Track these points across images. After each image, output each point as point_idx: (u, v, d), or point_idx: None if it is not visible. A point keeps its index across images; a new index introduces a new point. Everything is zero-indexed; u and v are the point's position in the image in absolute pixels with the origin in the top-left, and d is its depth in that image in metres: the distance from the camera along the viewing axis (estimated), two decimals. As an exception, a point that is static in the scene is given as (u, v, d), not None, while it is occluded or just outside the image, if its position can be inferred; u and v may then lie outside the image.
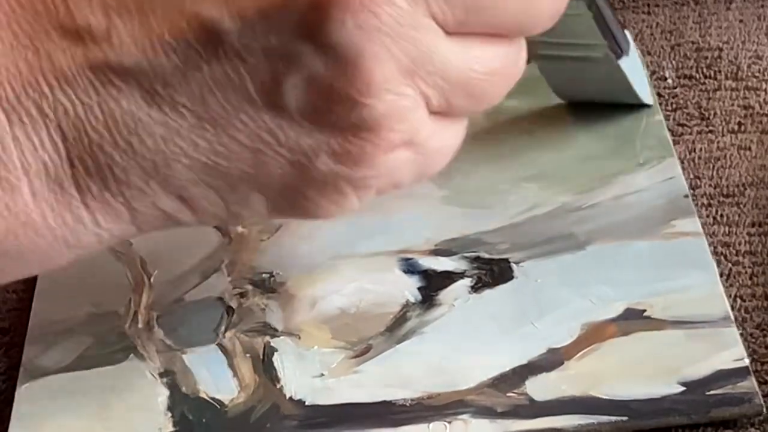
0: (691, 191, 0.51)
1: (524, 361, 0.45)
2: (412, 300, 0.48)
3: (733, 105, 0.55)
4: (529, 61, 0.42)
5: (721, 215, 0.51)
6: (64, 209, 0.38)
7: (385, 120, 0.38)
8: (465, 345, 0.46)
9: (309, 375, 0.46)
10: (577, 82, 0.53)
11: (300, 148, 0.38)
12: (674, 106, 0.56)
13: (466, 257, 0.49)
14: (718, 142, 0.54)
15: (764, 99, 0.55)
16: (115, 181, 0.38)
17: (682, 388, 0.43)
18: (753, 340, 0.46)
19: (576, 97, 0.55)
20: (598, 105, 0.55)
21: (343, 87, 0.37)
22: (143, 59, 0.37)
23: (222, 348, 0.47)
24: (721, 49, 0.58)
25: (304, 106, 0.38)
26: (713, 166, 0.53)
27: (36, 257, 0.40)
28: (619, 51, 0.51)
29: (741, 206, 0.51)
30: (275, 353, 0.47)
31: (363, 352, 0.47)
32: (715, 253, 0.49)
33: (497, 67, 0.40)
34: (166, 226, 0.41)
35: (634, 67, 0.53)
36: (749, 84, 0.56)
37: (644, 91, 0.54)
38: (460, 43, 0.39)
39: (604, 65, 0.52)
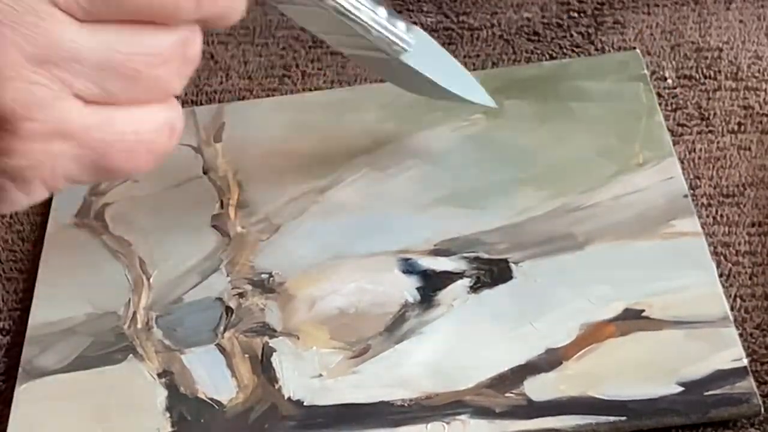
0: (691, 191, 0.51)
1: (523, 362, 0.45)
2: (411, 300, 0.48)
3: (733, 105, 0.55)
4: None
5: (721, 215, 0.51)
6: None
7: (20, 109, 0.37)
8: (463, 345, 0.46)
9: (308, 375, 0.46)
10: (402, 81, 0.52)
11: None
12: (674, 106, 0.56)
13: (466, 257, 0.49)
14: (718, 142, 0.54)
15: (764, 99, 0.55)
16: None
17: (681, 389, 0.43)
18: (753, 340, 0.46)
19: (423, 94, 0.53)
20: (598, 105, 0.55)
21: None
22: None
23: (221, 348, 0.48)
24: (721, 49, 0.58)
25: None
26: (713, 166, 0.53)
27: None
28: (398, 47, 0.50)
29: (741, 206, 0.51)
30: (274, 353, 0.47)
31: (362, 352, 0.47)
32: (715, 253, 0.49)
33: (149, 52, 0.39)
34: None
35: (435, 64, 0.51)
36: (749, 84, 0.56)
37: (470, 88, 0.53)
38: (97, 29, 0.38)
39: (392, 62, 0.50)
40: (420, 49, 0.50)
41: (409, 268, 0.49)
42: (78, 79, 0.38)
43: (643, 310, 0.46)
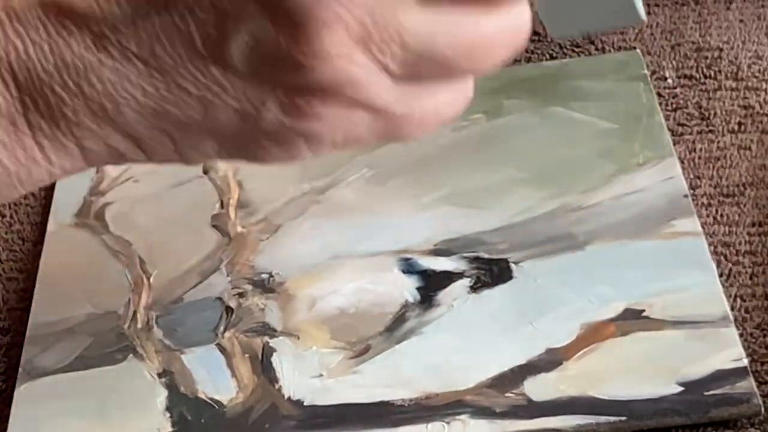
0: (691, 191, 0.51)
1: (523, 362, 0.45)
2: (411, 300, 0.48)
3: (733, 105, 0.55)
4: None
5: (721, 215, 0.51)
6: (17, 147, 0.39)
7: (334, 84, 0.38)
8: (464, 345, 0.46)
9: (308, 375, 0.46)
10: (577, 10, 0.52)
11: (247, 99, 0.38)
12: (674, 106, 0.55)
13: (466, 257, 0.49)
14: (718, 142, 0.54)
15: (764, 99, 0.55)
16: (65, 121, 0.38)
17: (681, 389, 0.43)
18: (753, 340, 0.46)
19: (571, 30, 0.53)
20: (598, 105, 0.55)
21: (288, 49, 0.37)
22: (94, 5, 0.37)
23: (221, 348, 0.47)
24: (721, 49, 0.58)
25: (251, 63, 0.38)
26: (713, 166, 0.53)
27: None
28: None
29: (741, 206, 0.51)
30: (274, 353, 0.47)
31: (362, 352, 0.47)
32: (715, 253, 0.49)
33: (475, 36, 0.39)
34: (117, 162, 0.41)
35: None
36: (749, 84, 0.56)
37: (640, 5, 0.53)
38: (427, 12, 0.38)
39: None
40: None
41: (409, 268, 0.49)
42: (394, 60, 0.38)
43: (643, 310, 0.46)
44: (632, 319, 0.46)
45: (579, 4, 0.51)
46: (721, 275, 0.48)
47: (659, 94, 0.56)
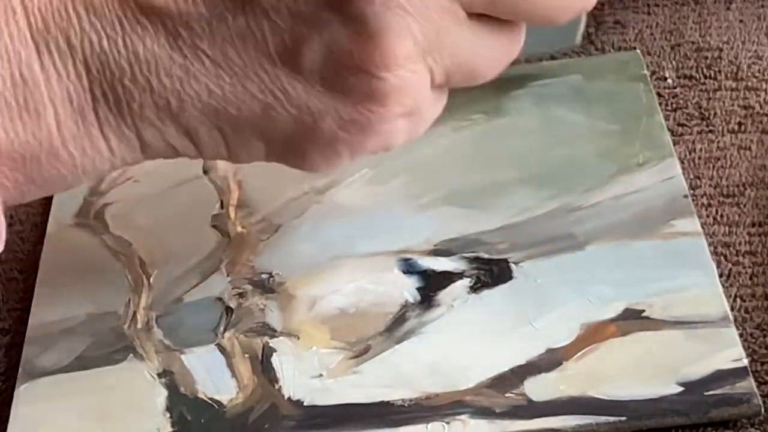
0: (691, 191, 0.51)
1: (523, 362, 0.45)
2: (411, 300, 0.48)
3: (733, 105, 0.55)
4: None
5: (721, 215, 0.51)
6: (85, 138, 0.40)
7: (394, 94, 0.39)
8: (464, 345, 0.46)
9: (308, 375, 0.46)
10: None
11: (308, 109, 0.40)
12: (674, 106, 0.55)
13: (466, 257, 0.49)
14: (718, 142, 0.54)
15: (764, 99, 0.55)
16: (131, 114, 0.40)
17: (681, 389, 0.43)
18: (753, 340, 0.46)
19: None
20: (598, 105, 0.55)
21: (362, 59, 0.39)
22: (172, 3, 0.38)
23: (221, 348, 0.47)
24: (721, 49, 0.58)
25: (320, 70, 0.39)
26: (713, 166, 0.53)
27: (55, 182, 0.41)
28: None
29: (741, 206, 0.51)
30: (274, 353, 0.47)
31: (362, 352, 0.47)
32: (715, 253, 0.49)
33: (500, 49, 0.42)
34: (170, 157, 0.42)
35: None
36: (749, 84, 0.56)
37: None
38: (476, 26, 0.41)
39: None
40: None
41: (409, 268, 0.49)
42: (441, 69, 0.41)
43: (643, 310, 0.46)
44: (632, 319, 0.46)
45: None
46: (721, 275, 0.48)
47: (659, 94, 0.56)
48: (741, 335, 0.45)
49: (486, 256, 0.49)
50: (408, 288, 0.49)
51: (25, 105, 0.38)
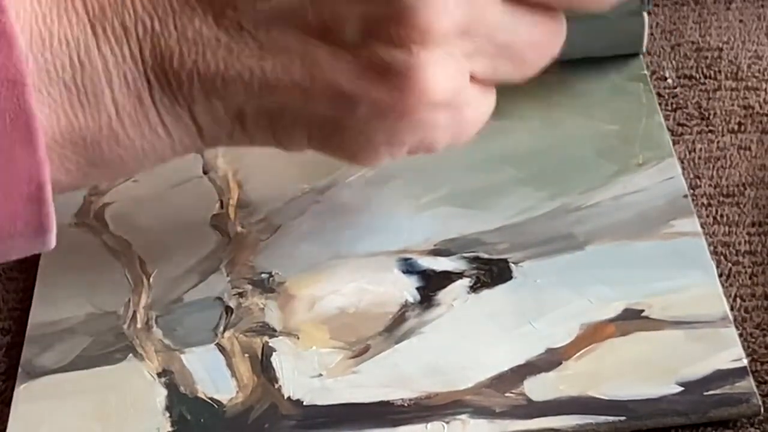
0: (691, 191, 0.51)
1: (522, 361, 0.45)
2: (411, 300, 0.48)
3: (733, 105, 0.55)
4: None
5: (721, 215, 0.51)
6: (143, 121, 0.40)
7: (432, 74, 0.39)
8: (463, 345, 0.46)
9: (307, 375, 0.46)
10: (589, 37, 0.53)
11: (345, 92, 0.40)
12: (674, 106, 0.56)
13: (465, 257, 0.49)
14: (718, 142, 0.54)
15: (764, 99, 0.55)
16: (182, 96, 0.40)
17: (681, 389, 0.43)
18: (753, 340, 0.46)
19: (575, 54, 0.54)
20: (598, 105, 0.55)
21: (398, 33, 0.39)
22: None
23: (220, 348, 0.47)
24: (721, 49, 0.58)
25: (358, 47, 0.39)
26: (713, 166, 0.53)
27: (117, 166, 0.42)
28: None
29: (741, 206, 0.51)
30: (274, 353, 0.47)
31: (361, 352, 0.47)
32: (714, 253, 0.49)
33: (540, 37, 0.42)
34: (229, 144, 0.43)
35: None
36: (749, 84, 0.56)
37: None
38: (512, 9, 0.41)
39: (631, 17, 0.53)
40: None
41: (409, 268, 0.49)
42: (481, 57, 0.41)
43: (643, 310, 0.46)
44: (632, 319, 0.46)
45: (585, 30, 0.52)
46: (720, 275, 0.48)
47: (659, 94, 0.56)
48: (741, 335, 0.45)
49: (486, 256, 0.49)
50: (408, 288, 0.49)
51: (84, 89, 0.39)
